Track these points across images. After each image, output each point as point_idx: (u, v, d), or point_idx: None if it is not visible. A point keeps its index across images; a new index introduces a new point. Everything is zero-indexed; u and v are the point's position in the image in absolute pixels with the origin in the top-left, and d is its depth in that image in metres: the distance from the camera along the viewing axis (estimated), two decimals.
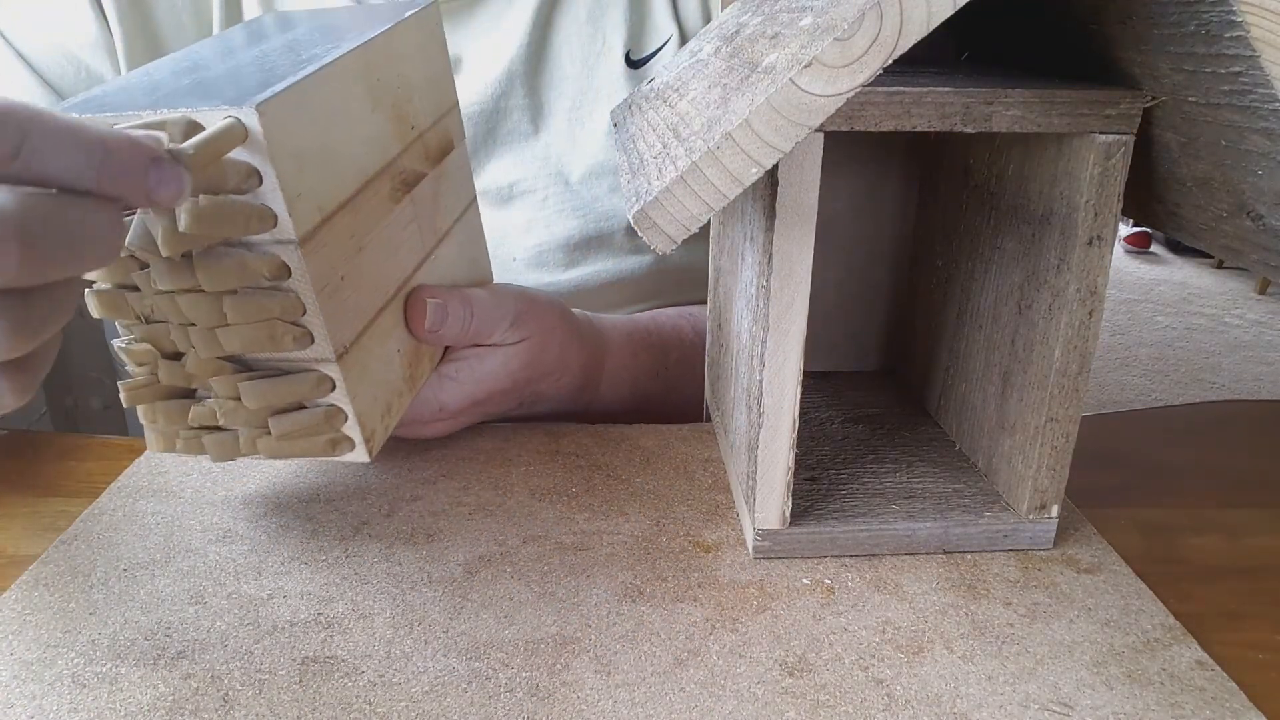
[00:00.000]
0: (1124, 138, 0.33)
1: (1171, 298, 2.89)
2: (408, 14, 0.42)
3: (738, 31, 0.39)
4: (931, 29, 0.26)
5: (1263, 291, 2.91)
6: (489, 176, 0.62)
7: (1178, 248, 3.25)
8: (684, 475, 0.46)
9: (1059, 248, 0.35)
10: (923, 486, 0.43)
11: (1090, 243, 0.34)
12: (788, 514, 0.39)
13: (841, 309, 0.54)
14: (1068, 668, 0.33)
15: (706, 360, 0.54)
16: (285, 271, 0.33)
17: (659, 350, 0.58)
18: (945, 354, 0.47)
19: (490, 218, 0.46)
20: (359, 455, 0.38)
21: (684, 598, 0.37)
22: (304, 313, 0.34)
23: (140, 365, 0.36)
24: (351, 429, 0.38)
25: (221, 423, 0.36)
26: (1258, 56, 0.28)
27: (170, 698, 0.31)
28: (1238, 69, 0.29)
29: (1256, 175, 0.30)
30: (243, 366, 0.36)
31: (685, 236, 0.29)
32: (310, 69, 0.33)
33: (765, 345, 0.36)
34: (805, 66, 0.27)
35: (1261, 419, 0.58)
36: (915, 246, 0.52)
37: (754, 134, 0.27)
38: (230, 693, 0.32)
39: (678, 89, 0.39)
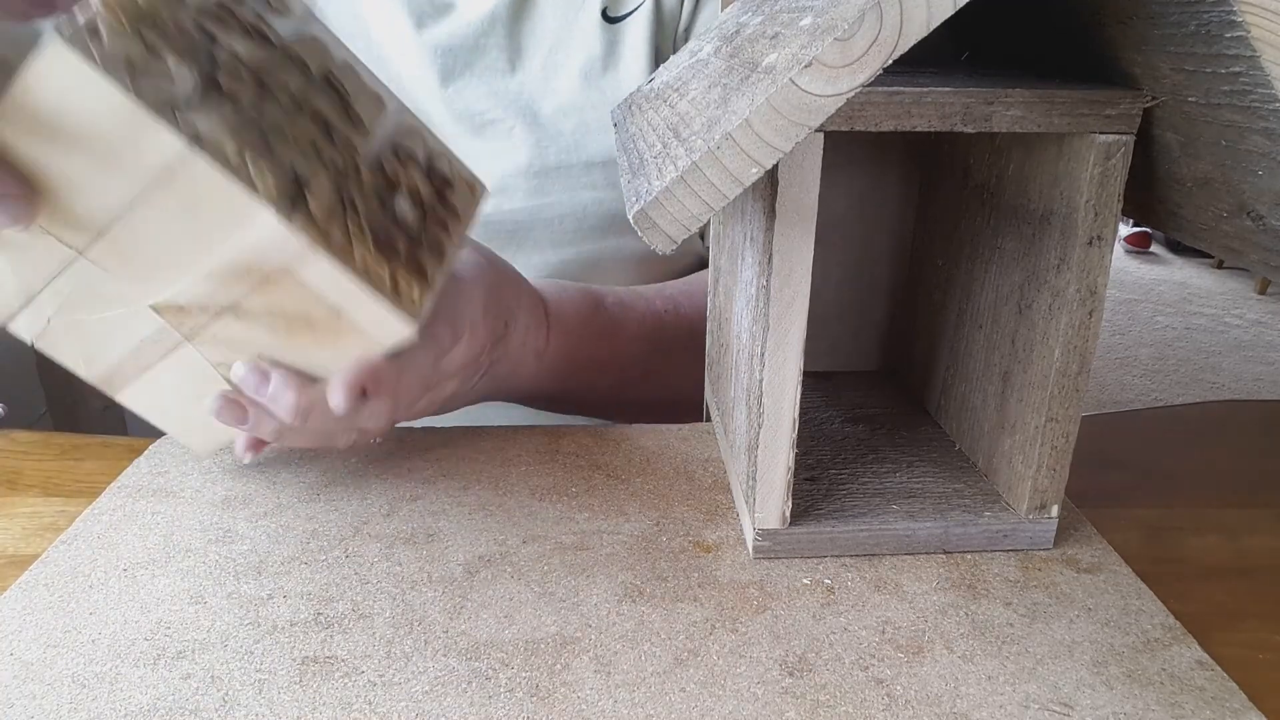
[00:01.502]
0: (1124, 138, 0.33)
1: (1171, 298, 2.89)
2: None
3: (738, 31, 0.39)
4: (932, 29, 0.26)
5: (1263, 291, 2.91)
6: (462, 104, 0.66)
7: (1178, 248, 3.25)
8: (684, 475, 0.46)
9: (1059, 248, 0.35)
10: (923, 486, 0.43)
11: (1090, 243, 0.34)
12: (788, 514, 0.39)
13: (842, 309, 0.54)
14: (1068, 668, 0.33)
15: (706, 360, 0.54)
16: None
17: (618, 309, 0.59)
18: (945, 354, 0.47)
19: (461, 145, 0.46)
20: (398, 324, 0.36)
21: (684, 598, 0.37)
22: None
23: None
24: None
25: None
26: (1258, 56, 0.28)
27: (170, 698, 0.31)
28: (1238, 69, 0.29)
29: (1257, 175, 0.30)
30: None
31: (685, 236, 0.29)
32: None
33: (765, 345, 0.36)
34: (805, 66, 0.27)
35: (1261, 419, 0.58)
36: (916, 246, 0.52)
37: (754, 134, 0.27)
38: (230, 693, 0.32)
39: (678, 89, 0.39)
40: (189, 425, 0.43)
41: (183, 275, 0.36)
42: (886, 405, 0.51)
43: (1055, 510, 0.40)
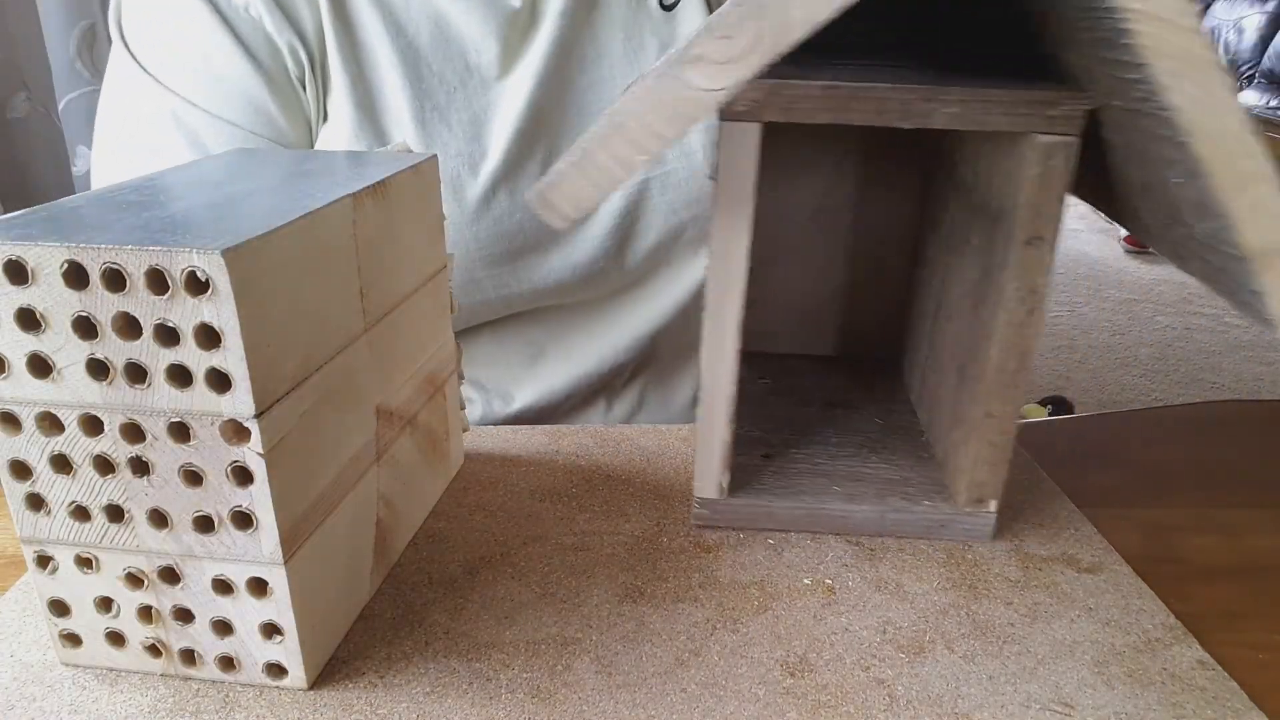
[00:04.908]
0: (1066, 139, 0.33)
1: (1171, 298, 2.89)
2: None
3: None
4: (813, 28, 0.27)
5: None
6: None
7: None
8: (684, 475, 0.46)
9: (1004, 246, 0.36)
10: (874, 472, 0.43)
11: (1029, 242, 0.35)
12: (725, 485, 0.41)
13: (841, 297, 0.55)
14: (1069, 667, 0.33)
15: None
16: None
17: None
18: (925, 345, 0.48)
19: None
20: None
21: (685, 598, 0.37)
22: None
23: None
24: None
25: None
26: (1149, 65, 0.28)
27: (170, 699, 0.31)
28: (1138, 76, 0.29)
29: (1176, 184, 0.30)
30: None
31: (579, 216, 0.30)
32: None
33: (704, 325, 0.37)
34: (690, 62, 0.28)
35: (1261, 419, 0.58)
36: (916, 236, 0.52)
37: (643, 124, 0.29)
38: (231, 694, 0.32)
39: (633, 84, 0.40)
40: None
41: (408, 373, 0.38)
42: (870, 393, 0.52)
43: (994, 505, 0.40)
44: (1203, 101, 0.28)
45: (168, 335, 0.27)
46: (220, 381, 0.27)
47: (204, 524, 0.29)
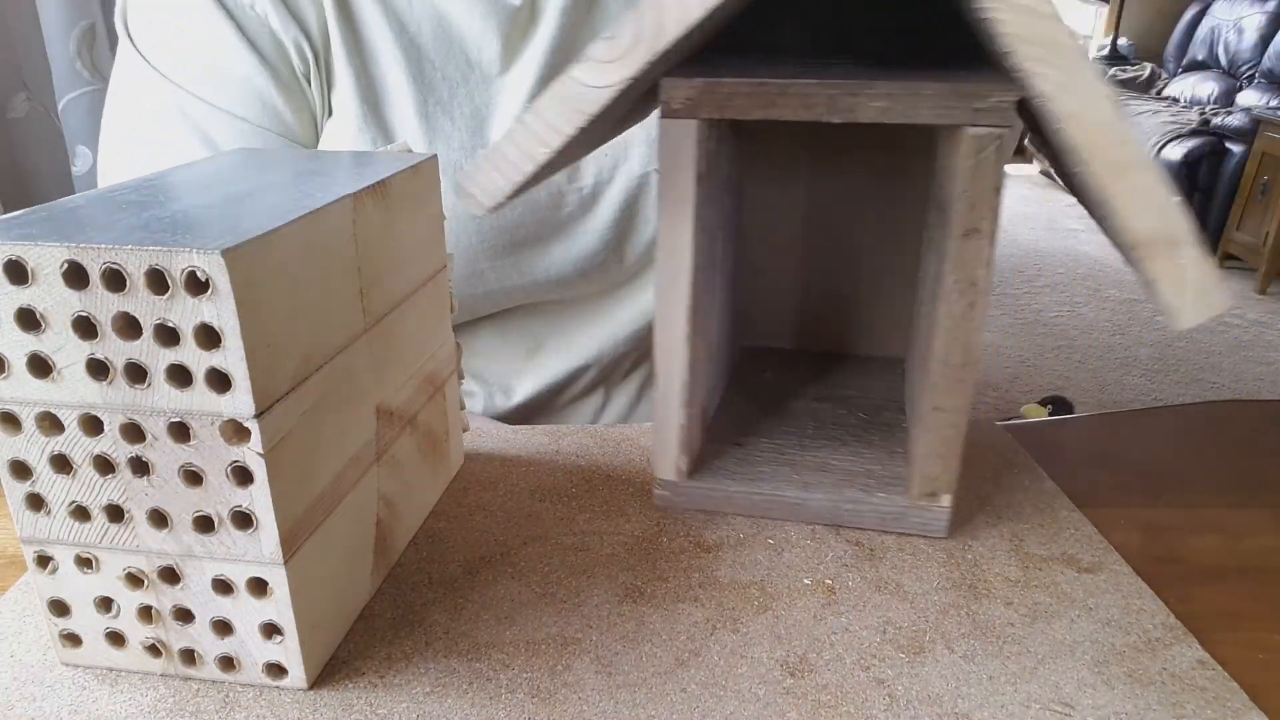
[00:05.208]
0: (996, 131, 0.33)
1: None
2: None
3: None
4: (687, 28, 0.29)
5: (1263, 291, 2.91)
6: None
7: None
8: None
9: (945, 239, 0.36)
10: (839, 464, 0.44)
11: (966, 235, 0.35)
12: (683, 468, 0.42)
13: (860, 296, 0.55)
14: (1069, 667, 0.33)
15: None
16: None
17: None
18: (913, 340, 0.48)
19: None
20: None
21: (685, 598, 0.37)
22: None
23: None
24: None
25: None
26: (1014, 53, 0.28)
27: (170, 699, 0.31)
28: (1011, 65, 0.29)
29: (1075, 173, 0.30)
30: None
31: (494, 203, 0.33)
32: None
33: (656, 316, 0.40)
34: (580, 62, 0.31)
35: (1261, 419, 0.58)
36: (920, 235, 0.52)
37: (543, 119, 0.32)
38: (231, 694, 0.32)
39: None
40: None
41: (408, 373, 0.38)
42: (871, 389, 0.52)
43: (947, 500, 0.40)
44: (1070, 88, 0.28)
45: (168, 335, 0.27)
46: (220, 381, 0.27)
47: (204, 524, 0.29)
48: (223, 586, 0.30)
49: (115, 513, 0.30)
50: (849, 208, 0.53)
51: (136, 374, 0.27)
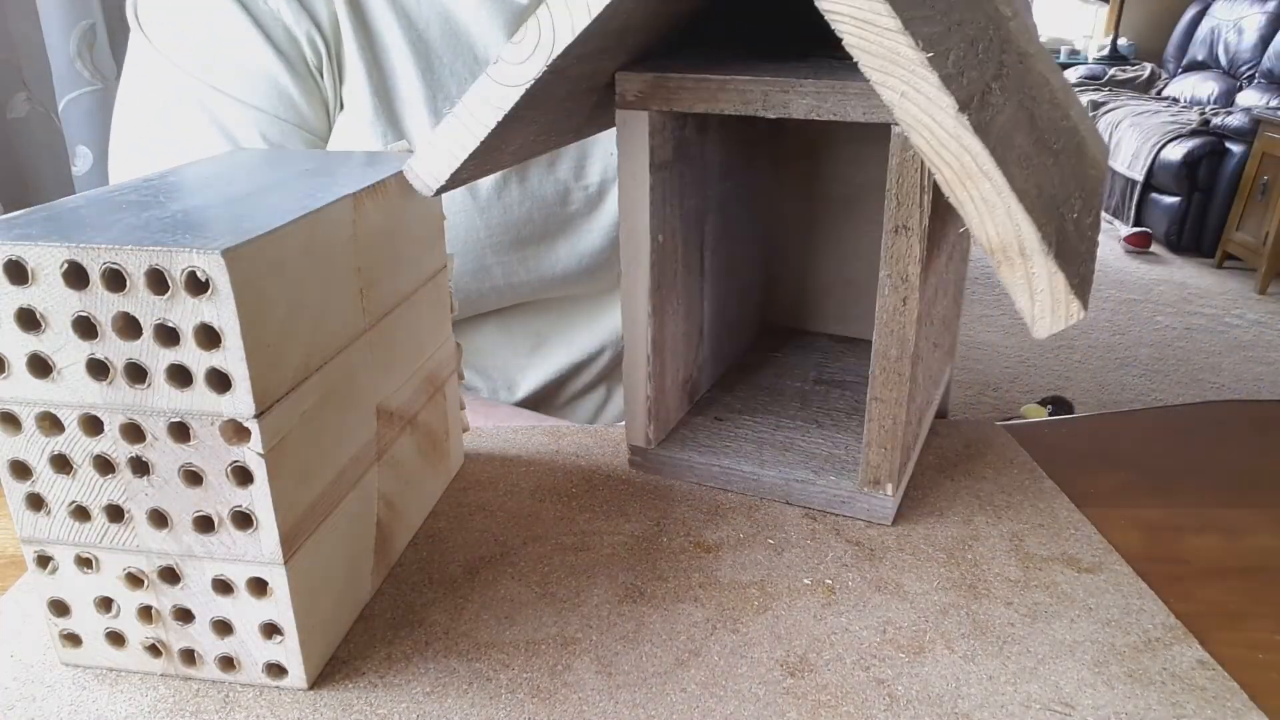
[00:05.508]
0: None
1: (1171, 298, 2.89)
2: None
3: None
4: (579, 33, 0.32)
5: (1263, 291, 2.91)
6: None
7: (1177, 247, 3.25)
8: None
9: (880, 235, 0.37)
10: (805, 445, 0.46)
11: (896, 231, 0.36)
12: (650, 436, 0.45)
13: (872, 281, 0.56)
14: (1069, 667, 0.33)
15: None
16: None
17: None
18: None
19: None
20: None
21: (685, 598, 0.37)
22: None
23: None
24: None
25: None
26: (860, 64, 0.29)
27: (170, 699, 0.31)
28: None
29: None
30: None
31: (437, 185, 0.35)
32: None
33: (622, 294, 0.42)
34: (495, 63, 0.33)
35: (1261, 419, 0.58)
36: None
37: (470, 113, 0.34)
38: (231, 694, 0.32)
39: None
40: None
41: (408, 373, 0.39)
42: (864, 374, 0.53)
43: (890, 490, 0.41)
44: (912, 98, 0.29)
45: (168, 335, 0.27)
46: (220, 381, 0.27)
47: (204, 524, 0.29)
48: (223, 586, 0.30)
49: (115, 513, 0.30)
50: (873, 200, 0.54)
51: (136, 374, 0.27)
